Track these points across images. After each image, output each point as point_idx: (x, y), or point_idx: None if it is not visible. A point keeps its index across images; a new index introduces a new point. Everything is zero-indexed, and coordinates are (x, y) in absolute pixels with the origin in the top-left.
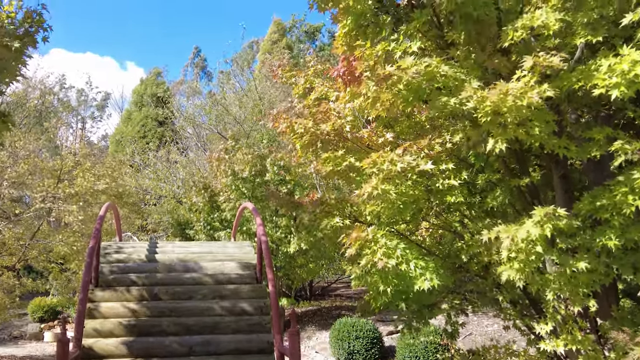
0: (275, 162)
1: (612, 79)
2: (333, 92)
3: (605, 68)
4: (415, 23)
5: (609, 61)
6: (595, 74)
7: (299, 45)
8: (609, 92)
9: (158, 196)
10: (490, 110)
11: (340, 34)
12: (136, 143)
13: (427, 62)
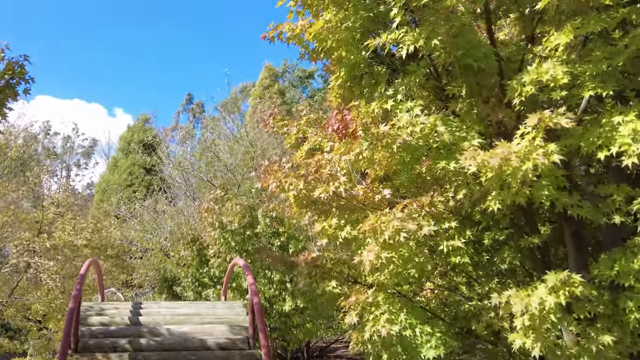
0: (267, 213)
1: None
2: (327, 143)
3: (627, 130)
4: (413, 77)
5: (634, 124)
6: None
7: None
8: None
9: (144, 249)
10: (493, 175)
11: (333, 86)
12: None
13: (423, 123)
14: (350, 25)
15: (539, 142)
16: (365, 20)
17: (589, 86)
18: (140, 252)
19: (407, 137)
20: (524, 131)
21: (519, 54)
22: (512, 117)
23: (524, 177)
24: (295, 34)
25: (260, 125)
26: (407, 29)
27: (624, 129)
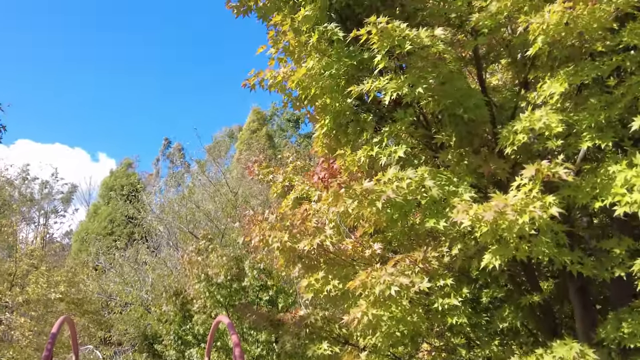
0: (254, 265)
1: (632, 195)
2: (315, 192)
3: (621, 180)
4: (399, 124)
5: (625, 173)
6: (610, 186)
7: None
8: (633, 210)
9: (124, 303)
10: (488, 230)
11: (318, 135)
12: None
13: (410, 177)
14: (333, 73)
15: (537, 194)
16: (349, 67)
17: (586, 136)
18: (119, 307)
19: (392, 193)
20: (520, 182)
21: (512, 101)
22: (505, 168)
23: (521, 231)
24: (277, 81)
25: (246, 172)
26: (391, 75)
27: (618, 178)
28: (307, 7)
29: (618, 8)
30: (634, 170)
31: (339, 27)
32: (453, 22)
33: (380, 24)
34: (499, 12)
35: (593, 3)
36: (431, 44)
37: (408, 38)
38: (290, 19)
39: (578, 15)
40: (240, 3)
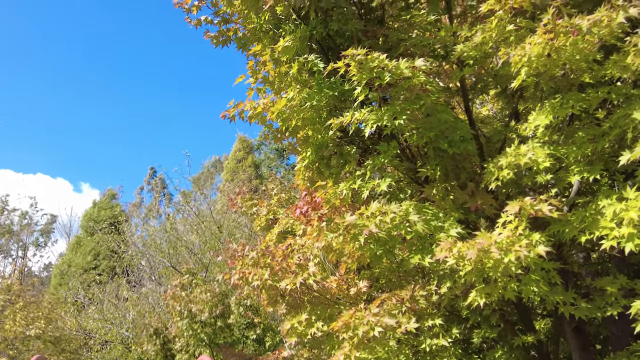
0: (240, 301)
1: (621, 229)
2: (299, 225)
3: (610, 213)
4: (382, 157)
5: (614, 206)
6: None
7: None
8: (621, 244)
9: (103, 341)
10: (472, 268)
11: (300, 167)
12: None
13: (394, 212)
14: (315, 104)
15: (523, 232)
16: (331, 98)
17: (574, 170)
18: (99, 345)
19: (375, 228)
20: (506, 219)
21: (501, 133)
22: (492, 204)
23: (507, 271)
24: (257, 112)
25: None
26: (372, 107)
27: (607, 212)
28: (287, 37)
29: (602, 39)
30: (623, 204)
31: (320, 58)
32: (438, 52)
33: (358, 55)
34: (484, 42)
35: (575, 35)
36: (412, 75)
37: (387, 69)
38: (269, 49)
39: (560, 48)
40: (219, 33)
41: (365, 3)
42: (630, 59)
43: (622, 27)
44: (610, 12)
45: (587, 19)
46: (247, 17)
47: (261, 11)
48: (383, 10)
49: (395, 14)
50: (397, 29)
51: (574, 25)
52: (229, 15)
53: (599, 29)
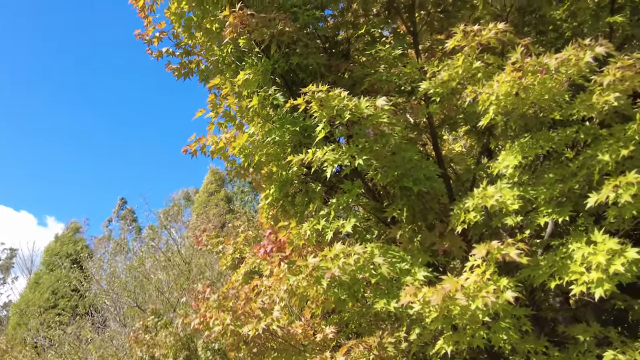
0: (208, 345)
1: (590, 274)
2: (266, 265)
3: (579, 257)
4: (347, 196)
5: (583, 250)
6: (569, 264)
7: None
8: (591, 290)
9: None
10: (438, 315)
11: (263, 205)
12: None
13: (358, 253)
14: (277, 140)
15: (490, 277)
16: (294, 134)
17: (543, 211)
18: None
19: (338, 271)
20: (473, 263)
21: (471, 172)
22: (461, 246)
23: (474, 318)
24: (219, 147)
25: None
26: (334, 145)
27: (576, 256)
28: (248, 70)
29: (570, 78)
30: (591, 248)
31: (282, 92)
32: (403, 88)
33: (318, 92)
34: (450, 79)
35: (543, 73)
36: (373, 113)
37: (347, 108)
38: (230, 83)
39: (528, 86)
40: (181, 65)
41: (330, 37)
42: (595, 97)
43: (590, 66)
44: (577, 51)
45: (556, 58)
46: (209, 49)
47: (223, 43)
48: (348, 44)
49: (361, 47)
50: (363, 63)
51: (542, 64)
52: (191, 47)
53: (567, 68)
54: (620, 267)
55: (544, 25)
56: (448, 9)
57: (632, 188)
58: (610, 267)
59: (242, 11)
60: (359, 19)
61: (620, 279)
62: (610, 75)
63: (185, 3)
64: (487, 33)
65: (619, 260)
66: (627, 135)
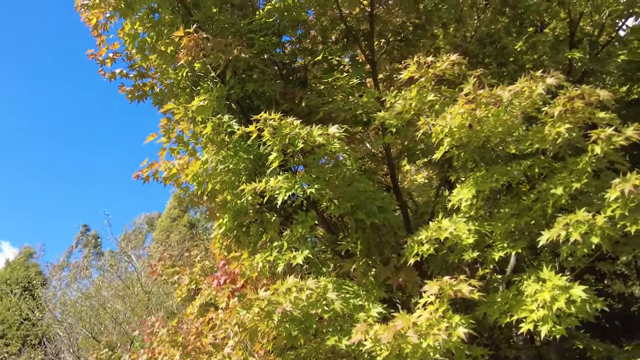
0: None
1: (538, 311)
2: (223, 297)
3: (530, 294)
4: (300, 228)
5: (533, 287)
6: (521, 301)
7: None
8: (537, 328)
9: None
10: (390, 353)
11: (216, 234)
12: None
13: (311, 288)
14: (232, 167)
15: (443, 314)
16: (249, 162)
17: (498, 246)
18: None
19: (289, 306)
20: (427, 300)
21: (428, 205)
22: (417, 281)
23: (426, 357)
24: (172, 173)
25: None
26: (287, 174)
27: (527, 292)
28: (203, 96)
29: (524, 111)
30: (540, 284)
31: (237, 119)
32: (360, 118)
33: (271, 120)
34: (405, 110)
35: (496, 105)
36: (326, 142)
37: (299, 136)
38: (183, 108)
39: (482, 118)
40: (135, 88)
41: (287, 63)
42: (547, 129)
43: (543, 98)
44: (530, 83)
45: (509, 90)
46: (164, 73)
47: (177, 66)
48: (306, 71)
49: (319, 75)
50: (320, 91)
51: (495, 96)
52: (145, 69)
53: (521, 100)
54: (564, 305)
55: (505, 57)
56: (408, 37)
57: (582, 226)
58: (554, 304)
59: (197, 34)
60: (317, 46)
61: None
62: (559, 106)
63: (140, 24)
64: (441, 64)
65: (563, 297)
66: (579, 168)
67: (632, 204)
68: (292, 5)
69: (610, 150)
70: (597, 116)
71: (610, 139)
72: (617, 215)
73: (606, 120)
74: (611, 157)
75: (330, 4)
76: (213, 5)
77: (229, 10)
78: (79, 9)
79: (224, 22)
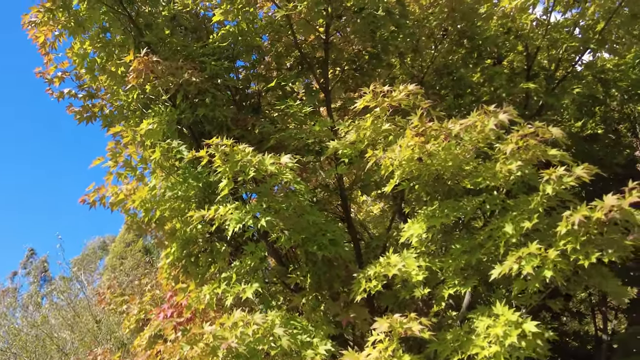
0: None
1: (490, 347)
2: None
3: (482, 330)
4: (249, 260)
5: (485, 323)
6: (472, 338)
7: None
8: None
9: None
10: None
11: (163, 264)
12: None
13: (258, 323)
14: (181, 194)
15: (393, 353)
16: (199, 189)
17: (449, 283)
18: None
19: (235, 342)
20: (376, 338)
21: (380, 239)
22: (366, 318)
23: None
24: (119, 199)
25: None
26: (238, 204)
27: (479, 329)
28: (152, 119)
29: (475, 146)
30: (492, 320)
31: (187, 145)
32: (312, 147)
33: (222, 146)
34: (358, 140)
35: (446, 139)
36: (278, 172)
37: (251, 164)
38: (131, 131)
39: (432, 152)
40: (84, 108)
41: (241, 89)
42: (498, 166)
43: (497, 133)
44: (482, 117)
45: (460, 123)
46: (114, 94)
47: (128, 89)
48: (259, 98)
49: (272, 102)
50: (273, 118)
51: (445, 129)
52: (95, 90)
53: (472, 134)
54: (515, 339)
55: (462, 88)
56: (364, 66)
57: (535, 260)
58: (506, 339)
59: (148, 57)
60: (272, 72)
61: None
62: (512, 144)
63: (89, 44)
64: (397, 94)
65: (515, 332)
66: (531, 207)
67: (582, 237)
68: (246, 30)
69: (561, 190)
70: (550, 154)
71: (561, 179)
72: (569, 248)
73: (558, 158)
74: (563, 196)
75: (285, 30)
76: (166, 27)
77: (183, 33)
78: (26, 26)
79: (177, 44)
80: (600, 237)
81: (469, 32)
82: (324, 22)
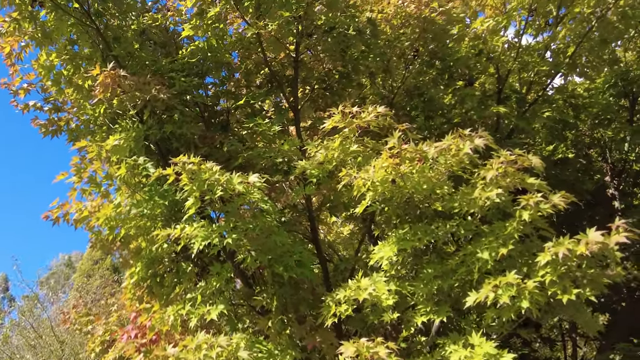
0: None
1: None
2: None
3: None
4: (215, 281)
5: (460, 353)
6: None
7: None
8: None
9: None
10: None
11: (127, 284)
12: None
13: (222, 346)
14: (147, 213)
15: None
16: (165, 207)
17: (421, 310)
18: None
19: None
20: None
21: (349, 261)
22: (333, 342)
23: None
24: (83, 216)
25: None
26: (204, 222)
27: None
28: (119, 135)
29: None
30: (468, 351)
31: (154, 162)
32: (280, 167)
33: (189, 164)
34: (327, 161)
35: (421, 161)
36: (245, 191)
37: (219, 183)
38: (97, 147)
39: (405, 174)
40: (49, 122)
41: (209, 106)
42: (477, 192)
43: (471, 157)
44: (457, 140)
45: (435, 146)
46: (81, 107)
47: (94, 103)
48: (228, 115)
49: (241, 119)
50: (242, 136)
51: (420, 152)
52: (61, 103)
53: (447, 157)
54: None
55: (433, 110)
56: (333, 86)
57: (512, 289)
58: None
59: (115, 71)
60: (241, 89)
61: None
62: (493, 170)
63: (56, 56)
64: (366, 115)
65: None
66: (506, 233)
67: (562, 270)
68: (216, 46)
69: (537, 217)
70: (528, 182)
71: (538, 206)
72: (547, 280)
73: (535, 186)
74: (538, 223)
75: (255, 47)
76: (135, 41)
77: (152, 47)
78: None
79: (146, 59)
80: (578, 270)
81: (440, 53)
82: (294, 40)
